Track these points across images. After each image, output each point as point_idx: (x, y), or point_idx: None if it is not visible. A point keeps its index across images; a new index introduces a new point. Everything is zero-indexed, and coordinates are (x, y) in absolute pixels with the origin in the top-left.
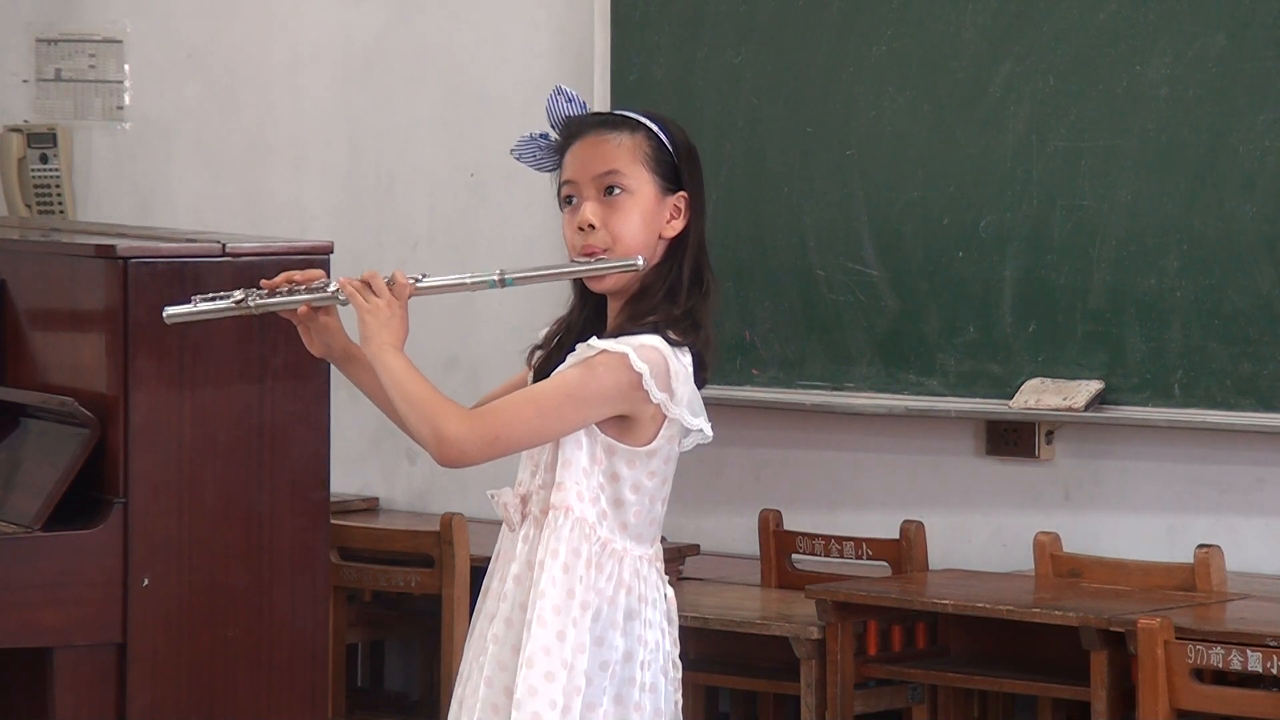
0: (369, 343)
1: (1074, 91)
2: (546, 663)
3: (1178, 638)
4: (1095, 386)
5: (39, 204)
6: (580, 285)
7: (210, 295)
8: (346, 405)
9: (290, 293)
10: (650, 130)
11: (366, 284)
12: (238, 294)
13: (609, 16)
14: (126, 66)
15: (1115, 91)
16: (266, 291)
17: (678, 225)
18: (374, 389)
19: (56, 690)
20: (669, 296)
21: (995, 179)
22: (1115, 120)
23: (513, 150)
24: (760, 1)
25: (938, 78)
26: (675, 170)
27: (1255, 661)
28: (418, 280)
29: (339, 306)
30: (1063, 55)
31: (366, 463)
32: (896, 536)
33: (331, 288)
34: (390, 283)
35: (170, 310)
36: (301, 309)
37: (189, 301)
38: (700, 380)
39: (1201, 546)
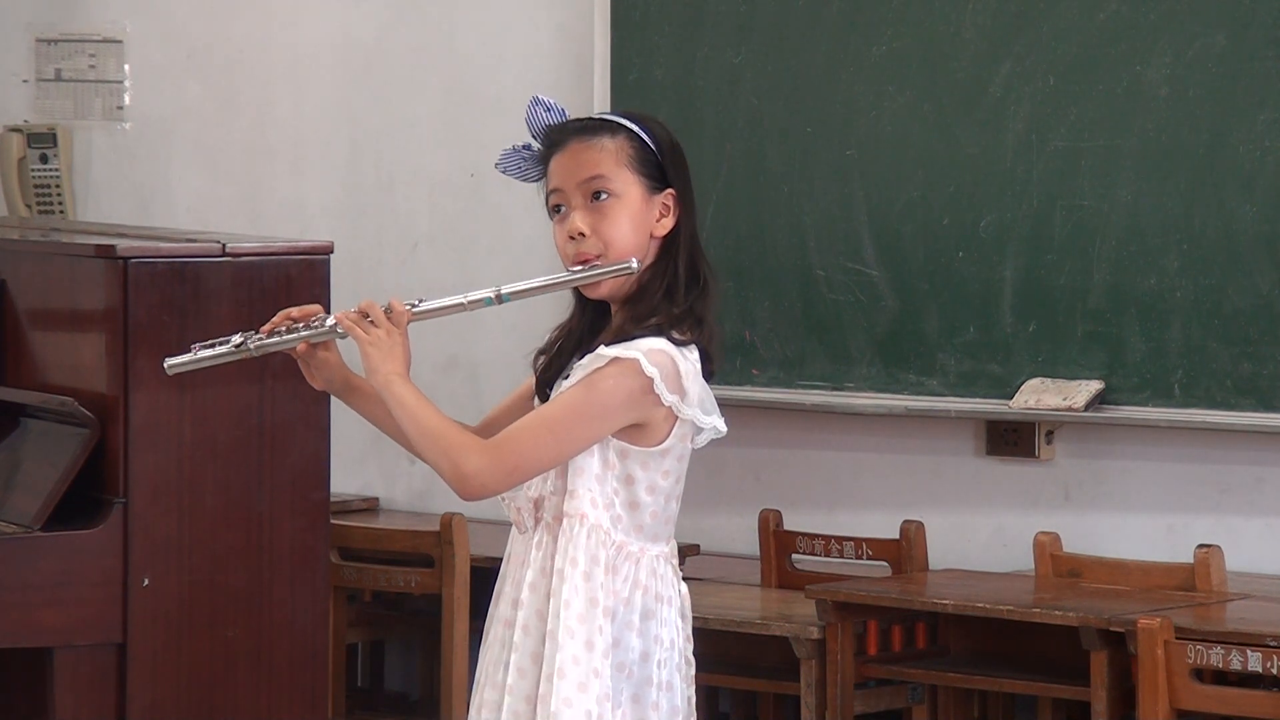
0: (374, 374)
1: (1074, 91)
2: (578, 673)
3: (1178, 638)
4: (1095, 386)
5: (39, 204)
6: (579, 292)
7: (209, 342)
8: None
9: (289, 331)
10: (632, 131)
11: (364, 314)
12: (236, 338)
13: (609, 16)
14: (126, 66)
15: (1115, 91)
16: (265, 333)
17: (668, 223)
18: (380, 417)
19: (56, 690)
20: (668, 295)
21: (995, 179)
22: (1115, 120)
23: (497, 164)
24: (760, 1)
25: (938, 78)
26: (660, 168)
27: (1255, 661)
28: (414, 305)
29: (338, 339)
30: (1063, 55)
31: (366, 463)
32: (896, 536)
33: (329, 322)
34: (387, 311)
35: (171, 361)
36: (301, 346)
37: (189, 350)
38: (707, 373)
39: (1201, 546)
